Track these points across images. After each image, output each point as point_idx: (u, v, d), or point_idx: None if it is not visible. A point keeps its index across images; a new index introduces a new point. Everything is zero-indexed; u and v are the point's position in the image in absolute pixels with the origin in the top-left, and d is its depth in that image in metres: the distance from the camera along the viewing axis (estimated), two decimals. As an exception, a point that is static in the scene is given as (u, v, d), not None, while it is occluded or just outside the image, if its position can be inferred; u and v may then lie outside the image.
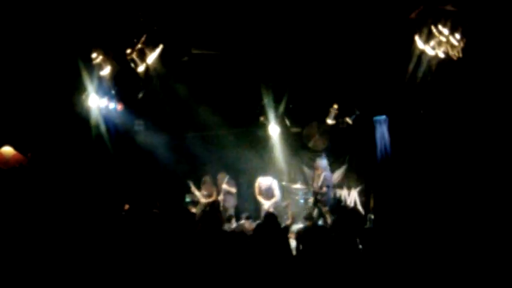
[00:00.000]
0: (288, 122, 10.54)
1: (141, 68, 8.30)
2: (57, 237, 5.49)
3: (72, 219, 6.50)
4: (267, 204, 9.72)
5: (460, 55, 6.31)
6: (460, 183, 7.87)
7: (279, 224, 5.71)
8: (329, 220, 9.19)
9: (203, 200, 10.01)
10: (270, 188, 9.85)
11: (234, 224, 8.49)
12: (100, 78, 8.11)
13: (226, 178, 10.04)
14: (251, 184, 10.16)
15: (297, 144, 11.13)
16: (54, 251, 5.19)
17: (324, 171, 9.68)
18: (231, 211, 9.77)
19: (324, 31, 7.39)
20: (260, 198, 9.89)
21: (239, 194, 10.43)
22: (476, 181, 7.62)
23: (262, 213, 9.83)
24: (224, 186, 9.99)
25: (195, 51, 7.96)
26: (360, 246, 5.41)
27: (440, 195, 8.06)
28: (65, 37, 7.14)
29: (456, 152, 8.04)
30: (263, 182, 9.89)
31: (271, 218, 5.64)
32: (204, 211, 9.10)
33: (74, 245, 5.31)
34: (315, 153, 10.86)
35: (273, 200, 9.75)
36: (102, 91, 8.82)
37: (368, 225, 8.88)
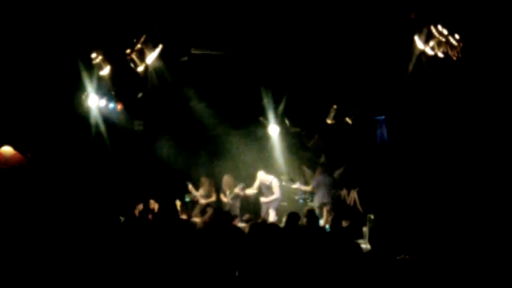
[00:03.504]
0: (288, 122, 10.55)
1: (140, 68, 8.31)
2: (56, 237, 5.50)
3: (72, 219, 6.51)
4: (265, 204, 9.70)
5: (460, 55, 6.32)
6: (459, 182, 7.87)
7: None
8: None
9: (202, 201, 9.99)
10: (270, 186, 9.80)
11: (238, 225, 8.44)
12: (100, 78, 8.11)
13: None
14: (251, 184, 10.13)
15: (297, 144, 11.13)
16: (53, 251, 5.19)
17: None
18: (236, 212, 9.73)
19: (324, 31, 7.39)
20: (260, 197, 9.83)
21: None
22: (475, 181, 7.62)
23: (263, 212, 9.84)
24: (237, 191, 9.88)
25: (194, 51, 7.95)
26: (364, 246, 5.40)
27: (439, 194, 8.07)
28: (65, 37, 7.14)
29: (456, 152, 8.04)
30: (264, 178, 9.83)
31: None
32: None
33: (73, 245, 5.31)
34: (315, 153, 10.88)
35: (271, 198, 9.70)
36: (102, 91, 8.82)
37: (368, 225, 8.87)
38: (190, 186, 10.12)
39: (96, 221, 6.25)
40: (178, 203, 9.19)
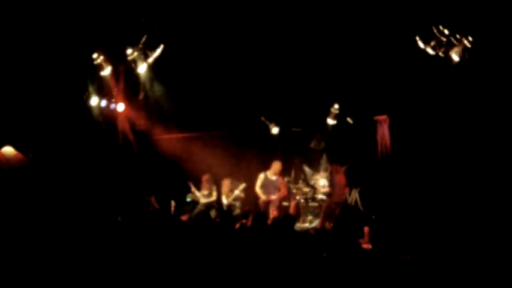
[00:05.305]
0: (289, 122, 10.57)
1: (142, 68, 8.34)
2: (57, 237, 5.50)
3: (73, 219, 6.51)
4: (266, 203, 9.66)
5: (461, 55, 6.33)
6: (460, 182, 7.87)
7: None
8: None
9: (203, 200, 10.00)
10: (277, 183, 9.71)
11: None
12: (101, 79, 8.13)
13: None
14: (251, 185, 10.11)
15: (297, 144, 11.13)
16: (54, 251, 5.19)
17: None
18: (237, 212, 9.75)
19: (325, 31, 7.40)
20: (260, 193, 9.74)
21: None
22: (476, 181, 7.62)
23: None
24: (238, 192, 9.90)
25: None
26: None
27: (440, 194, 8.07)
28: (66, 38, 7.16)
29: (456, 151, 8.04)
30: (270, 175, 9.72)
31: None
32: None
33: (74, 245, 5.31)
34: (316, 152, 10.88)
35: (279, 194, 9.64)
36: (103, 91, 8.83)
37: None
38: (192, 186, 10.13)
39: (96, 220, 6.25)
40: (173, 203, 9.20)
